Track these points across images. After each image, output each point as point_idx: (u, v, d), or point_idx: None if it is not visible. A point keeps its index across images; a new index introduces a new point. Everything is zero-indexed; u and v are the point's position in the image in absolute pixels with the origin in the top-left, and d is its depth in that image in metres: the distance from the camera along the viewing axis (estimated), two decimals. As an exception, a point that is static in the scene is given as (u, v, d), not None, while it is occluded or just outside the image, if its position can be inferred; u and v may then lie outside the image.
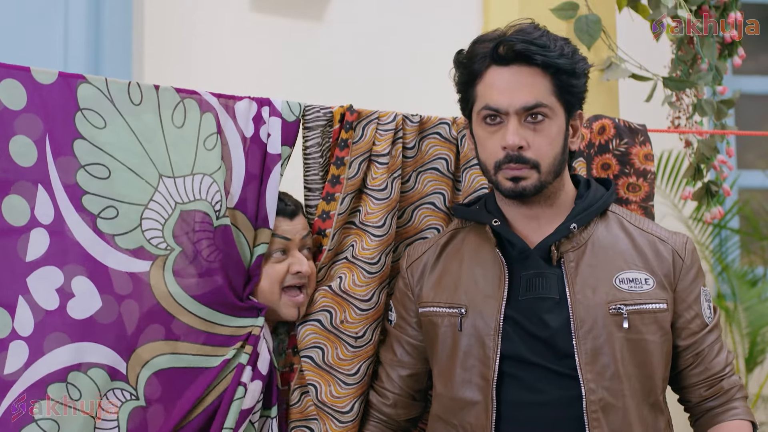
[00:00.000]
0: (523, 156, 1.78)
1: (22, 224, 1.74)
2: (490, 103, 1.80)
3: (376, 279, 1.98)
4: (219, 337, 1.84)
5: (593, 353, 1.77)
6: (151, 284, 1.79)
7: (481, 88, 1.82)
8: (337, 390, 1.95)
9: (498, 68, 1.80)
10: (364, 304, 1.97)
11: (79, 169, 1.77)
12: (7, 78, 1.73)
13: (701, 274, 1.90)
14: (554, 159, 1.80)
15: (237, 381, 1.83)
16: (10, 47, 2.81)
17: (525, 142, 1.78)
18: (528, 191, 1.80)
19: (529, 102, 1.77)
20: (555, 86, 1.79)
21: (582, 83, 1.84)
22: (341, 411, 1.95)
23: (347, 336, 1.96)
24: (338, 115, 2.01)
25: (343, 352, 1.96)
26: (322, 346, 1.96)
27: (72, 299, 1.75)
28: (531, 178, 1.79)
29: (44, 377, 1.73)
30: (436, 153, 2.09)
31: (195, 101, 1.87)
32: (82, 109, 1.78)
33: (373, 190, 2.00)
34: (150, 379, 1.79)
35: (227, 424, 1.81)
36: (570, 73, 1.80)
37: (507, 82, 1.78)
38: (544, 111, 1.78)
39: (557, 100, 1.80)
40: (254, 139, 1.92)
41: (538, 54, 1.77)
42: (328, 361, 1.95)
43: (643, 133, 2.29)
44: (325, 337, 1.96)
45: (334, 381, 1.95)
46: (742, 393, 1.89)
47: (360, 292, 1.97)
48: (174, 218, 1.82)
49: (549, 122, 1.79)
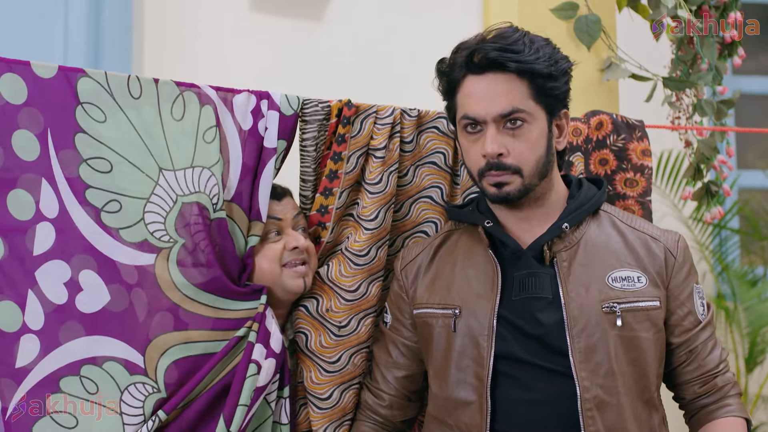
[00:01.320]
0: (503, 163, 1.79)
1: (28, 218, 1.75)
2: (468, 113, 1.81)
3: (364, 270, 1.99)
4: (227, 321, 1.86)
5: (587, 351, 1.77)
6: (156, 275, 1.81)
7: (460, 98, 1.84)
8: (318, 377, 1.97)
9: (474, 77, 1.81)
10: (349, 295, 1.99)
11: (81, 163, 1.78)
12: (7, 72, 1.74)
13: (694, 272, 1.91)
14: (536, 162, 1.81)
15: (248, 358, 1.83)
16: (10, 46, 2.82)
17: (504, 149, 1.79)
18: (512, 196, 1.81)
19: (506, 109, 1.78)
20: (532, 90, 1.79)
21: (562, 84, 1.84)
22: (320, 398, 1.97)
23: (331, 324, 1.98)
24: (336, 109, 2.01)
25: (326, 340, 1.97)
26: (306, 332, 1.98)
27: (80, 293, 1.77)
28: (514, 183, 1.80)
29: (56, 371, 1.75)
30: (434, 147, 2.10)
31: (194, 94, 1.88)
32: (82, 102, 1.79)
33: (368, 183, 2.02)
34: (169, 369, 1.81)
35: (242, 400, 1.81)
36: (547, 77, 1.80)
37: (483, 90, 1.80)
38: (522, 116, 1.79)
39: (536, 104, 1.80)
40: (252, 132, 1.93)
41: (511, 61, 1.77)
42: (310, 347, 1.97)
43: (640, 129, 2.29)
44: (309, 323, 1.98)
45: (315, 367, 1.97)
46: (736, 390, 1.90)
47: (346, 283, 1.99)
48: (176, 211, 1.84)
49: (528, 127, 1.80)
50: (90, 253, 1.78)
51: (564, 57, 1.86)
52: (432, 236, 2.03)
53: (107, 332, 1.78)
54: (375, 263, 2.00)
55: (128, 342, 1.79)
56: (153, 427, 1.78)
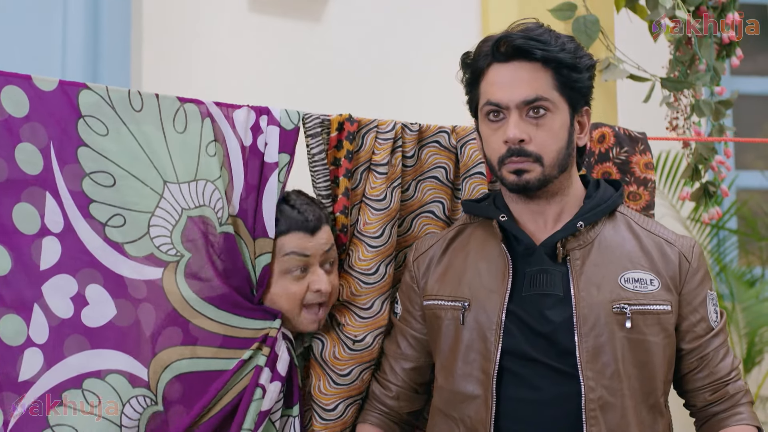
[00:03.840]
0: (524, 149, 1.78)
1: (33, 232, 1.74)
2: (491, 99, 1.81)
3: (375, 289, 1.98)
4: (236, 339, 1.84)
5: (594, 351, 1.76)
6: (164, 289, 1.79)
7: (484, 86, 1.83)
8: (326, 387, 1.96)
9: (499, 65, 1.81)
10: (364, 312, 1.98)
11: (84, 177, 1.77)
12: (8, 85, 1.73)
13: (708, 278, 1.89)
14: (558, 153, 1.80)
15: (255, 382, 1.82)
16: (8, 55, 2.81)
17: (526, 136, 1.78)
18: (531, 184, 1.80)
19: (530, 96, 1.78)
20: (557, 81, 1.79)
21: (585, 78, 1.84)
22: (325, 408, 1.96)
23: (346, 338, 1.97)
24: (335, 123, 2.00)
25: (340, 352, 1.97)
26: (323, 340, 1.97)
27: (86, 307, 1.76)
28: (534, 171, 1.79)
29: (59, 384, 1.73)
30: (436, 162, 2.08)
31: (195, 107, 1.87)
32: (84, 116, 1.77)
33: (371, 199, 2.00)
34: (170, 383, 1.79)
35: (246, 425, 1.80)
36: (572, 68, 1.80)
37: (508, 77, 1.79)
38: (546, 105, 1.79)
39: (560, 95, 1.80)
40: (252, 149, 1.91)
41: (537, 49, 1.77)
42: (324, 356, 1.97)
43: (643, 142, 2.27)
44: (327, 333, 1.98)
45: (325, 377, 1.96)
46: (747, 398, 1.88)
47: (360, 301, 1.98)
48: (181, 224, 1.82)
49: (551, 116, 1.79)
50: (96, 268, 1.76)
51: (588, 54, 1.86)
52: (446, 229, 2.03)
53: (112, 346, 1.76)
54: (385, 280, 1.99)
55: (133, 355, 1.77)
56: None
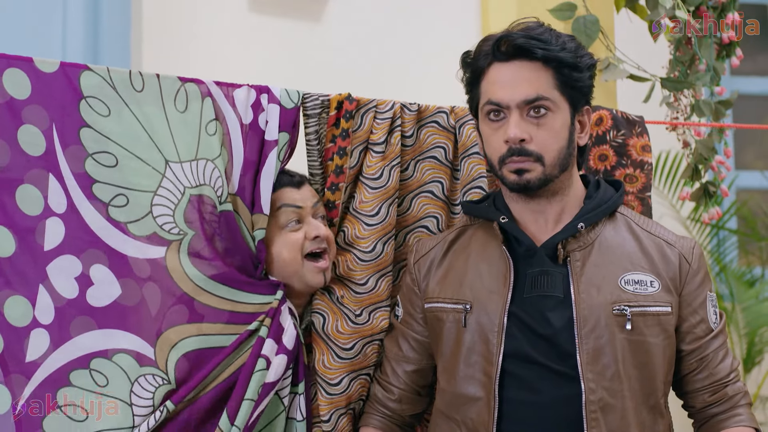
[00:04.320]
0: (525, 149, 1.78)
1: (37, 213, 1.76)
2: (492, 98, 1.81)
3: (371, 266, 2.00)
4: (242, 315, 1.85)
5: (594, 353, 1.76)
6: (168, 268, 1.81)
7: (485, 85, 1.83)
8: (330, 361, 1.97)
9: (500, 64, 1.81)
10: (360, 288, 2.00)
11: (87, 158, 1.79)
12: (10, 68, 1.75)
13: (708, 280, 1.89)
14: (558, 152, 1.80)
15: (256, 354, 1.83)
16: (8, 41, 2.81)
17: (527, 135, 1.78)
18: (532, 184, 1.80)
19: (531, 95, 1.78)
20: (557, 80, 1.79)
21: (586, 77, 1.83)
22: (330, 383, 1.96)
23: (348, 311, 1.99)
24: (335, 102, 2.02)
25: (342, 326, 1.98)
26: (323, 314, 1.99)
27: (91, 287, 1.78)
28: (535, 170, 1.79)
29: (66, 364, 1.76)
30: (435, 141, 2.10)
31: (196, 86, 1.89)
32: (85, 97, 1.79)
33: (367, 178, 2.02)
34: (179, 362, 1.81)
35: (248, 395, 1.80)
36: (572, 67, 1.80)
37: (508, 76, 1.79)
38: (546, 104, 1.78)
39: (560, 94, 1.80)
40: (253, 126, 1.93)
41: (538, 48, 1.77)
42: (327, 330, 1.98)
43: (640, 125, 2.28)
44: (328, 307, 1.99)
45: (328, 351, 1.98)
46: (746, 400, 1.88)
47: (356, 277, 2.00)
48: (184, 203, 1.84)
49: (552, 116, 1.79)
50: (100, 248, 1.78)
51: (588, 53, 1.86)
52: (446, 231, 2.03)
53: (118, 325, 1.78)
54: (382, 258, 2.01)
55: (139, 334, 1.79)
56: (161, 417, 1.78)
